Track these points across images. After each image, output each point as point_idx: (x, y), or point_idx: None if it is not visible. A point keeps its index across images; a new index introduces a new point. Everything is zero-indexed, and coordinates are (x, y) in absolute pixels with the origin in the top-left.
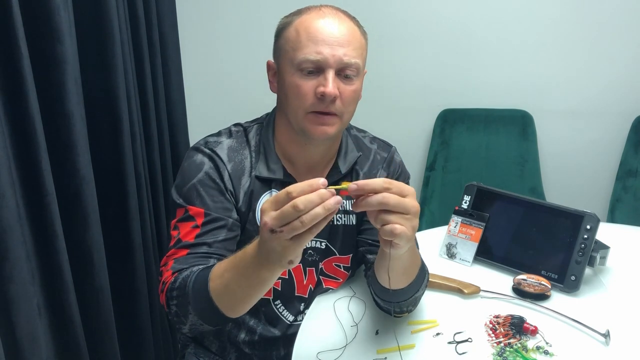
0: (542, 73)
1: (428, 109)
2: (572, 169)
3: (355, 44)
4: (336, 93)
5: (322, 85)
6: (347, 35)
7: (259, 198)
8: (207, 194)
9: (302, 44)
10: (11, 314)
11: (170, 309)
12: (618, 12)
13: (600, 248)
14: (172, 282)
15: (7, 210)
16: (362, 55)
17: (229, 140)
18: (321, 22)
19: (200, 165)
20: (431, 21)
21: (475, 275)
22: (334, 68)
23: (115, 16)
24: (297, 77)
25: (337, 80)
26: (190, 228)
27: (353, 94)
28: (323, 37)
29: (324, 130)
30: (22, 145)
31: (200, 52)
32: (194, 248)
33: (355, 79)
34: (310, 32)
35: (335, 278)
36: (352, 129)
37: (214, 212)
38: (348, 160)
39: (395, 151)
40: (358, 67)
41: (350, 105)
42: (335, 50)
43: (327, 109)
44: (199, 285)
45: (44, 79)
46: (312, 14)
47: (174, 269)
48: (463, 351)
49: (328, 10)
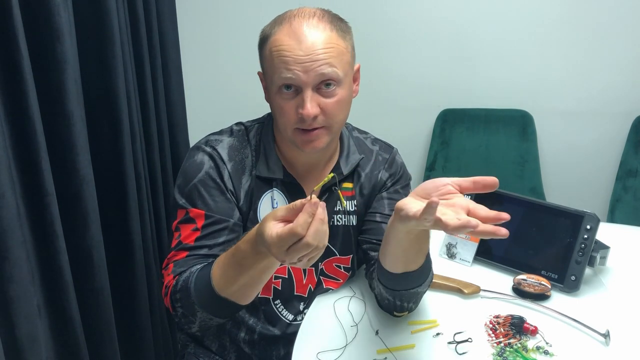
0: (542, 73)
1: (428, 109)
2: (572, 169)
3: (331, 52)
4: (315, 112)
5: (300, 107)
6: (321, 48)
7: (260, 197)
8: (209, 193)
9: (276, 67)
10: (11, 314)
11: (177, 311)
12: (618, 12)
13: (600, 248)
14: (174, 286)
15: (7, 210)
16: (343, 60)
17: (230, 139)
18: (292, 41)
19: (200, 165)
20: (431, 21)
21: (475, 275)
22: (311, 86)
23: (115, 16)
24: (278, 97)
25: (317, 96)
26: (191, 231)
27: (336, 105)
28: (294, 57)
29: (313, 146)
30: (22, 145)
31: (200, 52)
32: (193, 250)
33: (338, 88)
34: (282, 54)
35: (335, 278)
36: (354, 130)
37: (215, 214)
38: (350, 162)
39: (397, 153)
40: (337, 77)
41: (337, 115)
42: (307, 68)
43: (310, 126)
44: (201, 284)
45: (44, 79)
46: (284, 30)
47: (175, 272)
48: (463, 351)
49: (300, 22)
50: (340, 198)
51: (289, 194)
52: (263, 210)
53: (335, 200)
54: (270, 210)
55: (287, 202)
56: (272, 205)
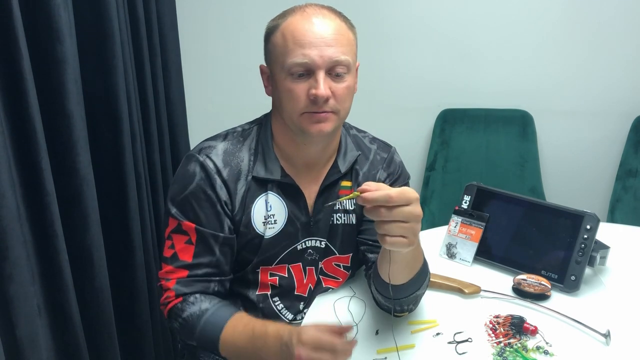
0: (542, 73)
1: (428, 109)
2: (572, 169)
3: (343, 41)
4: (328, 94)
5: (313, 88)
6: (333, 34)
7: (254, 200)
8: (200, 206)
9: (290, 49)
10: (11, 314)
11: (173, 325)
12: (618, 12)
13: (600, 248)
14: (179, 308)
15: (7, 210)
16: (352, 50)
17: (224, 144)
18: (306, 24)
19: (192, 176)
20: (431, 21)
21: (475, 275)
22: (324, 68)
23: (115, 16)
24: (288, 81)
25: (328, 80)
26: (184, 244)
27: (346, 90)
28: (309, 40)
29: (320, 128)
30: (22, 145)
31: (200, 52)
32: (192, 270)
33: (347, 75)
34: (296, 36)
35: (335, 277)
36: (352, 128)
37: (206, 227)
38: (347, 159)
39: (395, 152)
40: (348, 64)
41: (345, 102)
42: (322, 51)
43: (320, 109)
44: (208, 337)
45: (44, 79)
46: (297, 16)
47: (178, 291)
48: (463, 351)
49: (312, 10)
50: (345, 197)
51: (286, 196)
52: (256, 214)
53: (335, 198)
54: (264, 214)
55: (284, 204)
56: (266, 208)
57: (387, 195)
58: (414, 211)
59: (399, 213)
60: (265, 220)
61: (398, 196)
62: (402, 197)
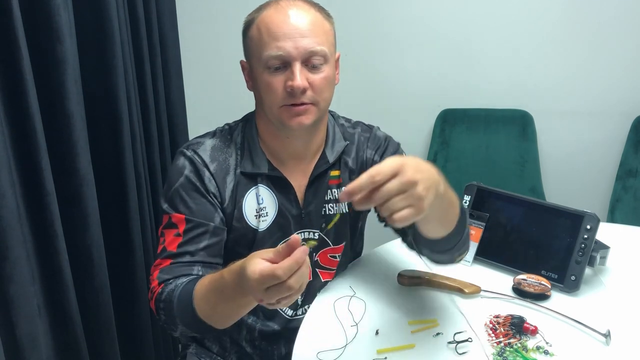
0: (542, 73)
1: (428, 109)
2: (572, 169)
3: (318, 31)
4: (305, 85)
5: (289, 80)
6: (307, 25)
7: (244, 194)
8: (189, 196)
9: (265, 42)
10: (11, 314)
11: (160, 317)
12: (618, 12)
13: (600, 248)
14: (159, 293)
15: (7, 210)
16: (328, 40)
17: (212, 140)
18: (280, 16)
19: (181, 170)
20: (431, 21)
21: (475, 275)
22: (299, 60)
23: (115, 16)
24: (266, 75)
25: (305, 71)
26: (173, 236)
27: (324, 81)
28: (284, 32)
29: (300, 121)
30: (22, 145)
31: (200, 52)
32: (176, 257)
33: (324, 65)
34: (271, 29)
35: (330, 269)
36: (340, 118)
37: (196, 217)
38: (335, 149)
39: (378, 129)
40: (325, 54)
41: (323, 92)
42: (297, 42)
43: (299, 100)
44: (184, 303)
45: (44, 79)
46: (271, 10)
47: (160, 278)
48: (463, 351)
49: (286, 3)
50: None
51: (276, 188)
52: (248, 208)
53: (325, 189)
54: (255, 207)
55: (274, 197)
56: (258, 201)
57: (368, 176)
58: (404, 178)
59: (390, 188)
60: (257, 213)
61: (378, 172)
62: (384, 171)
